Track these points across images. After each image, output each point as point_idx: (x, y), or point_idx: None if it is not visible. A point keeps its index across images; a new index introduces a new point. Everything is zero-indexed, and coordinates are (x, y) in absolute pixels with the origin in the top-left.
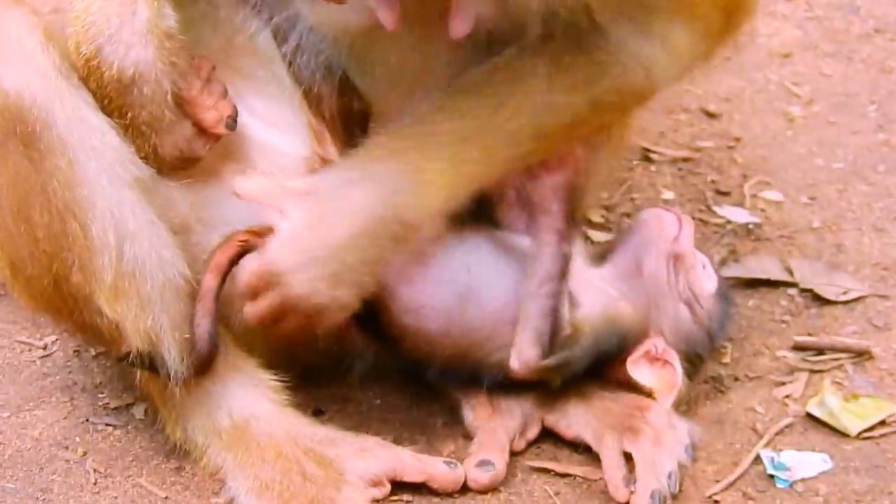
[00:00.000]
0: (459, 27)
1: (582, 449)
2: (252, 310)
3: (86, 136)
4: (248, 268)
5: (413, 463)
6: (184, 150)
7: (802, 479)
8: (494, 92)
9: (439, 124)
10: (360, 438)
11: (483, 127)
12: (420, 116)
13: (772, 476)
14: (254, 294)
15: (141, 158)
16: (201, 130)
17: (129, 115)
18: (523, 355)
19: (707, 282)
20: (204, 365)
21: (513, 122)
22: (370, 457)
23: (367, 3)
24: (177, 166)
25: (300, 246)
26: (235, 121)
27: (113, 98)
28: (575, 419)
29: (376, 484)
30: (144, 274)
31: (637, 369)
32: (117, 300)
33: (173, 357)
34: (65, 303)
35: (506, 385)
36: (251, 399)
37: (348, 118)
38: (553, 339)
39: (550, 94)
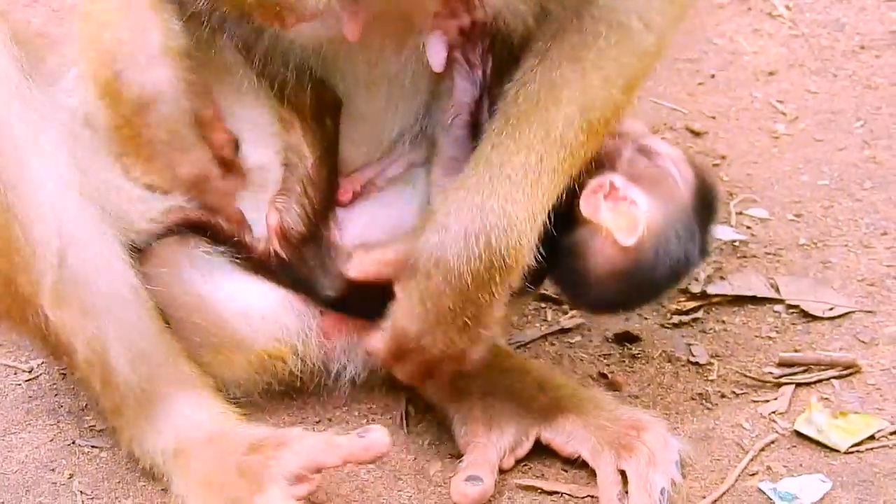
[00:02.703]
0: (437, 59)
1: (569, 466)
2: (402, 374)
3: (39, 138)
4: (380, 343)
5: (328, 448)
6: (201, 170)
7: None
8: (539, 117)
9: (504, 165)
10: (280, 433)
11: (542, 152)
12: (480, 160)
13: (761, 491)
14: (396, 359)
15: (154, 181)
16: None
17: (148, 135)
18: (439, 183)
19: (662, 144)
20: None
21: (565, 138)
22: (288, 453)
23: (332, 16)
24: (192, 187)
25: (422, 313)
26: (237, 146)
27: (132, 119)
28: (573, 435)
29: (301, 480)
30: (88, 282)
31: (590, 206)
32: (59, 305)
33: (122, 365)
34: (15, 304)
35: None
36: (195, 417)
37: (320, 109)
38: None
39: (588, 97)
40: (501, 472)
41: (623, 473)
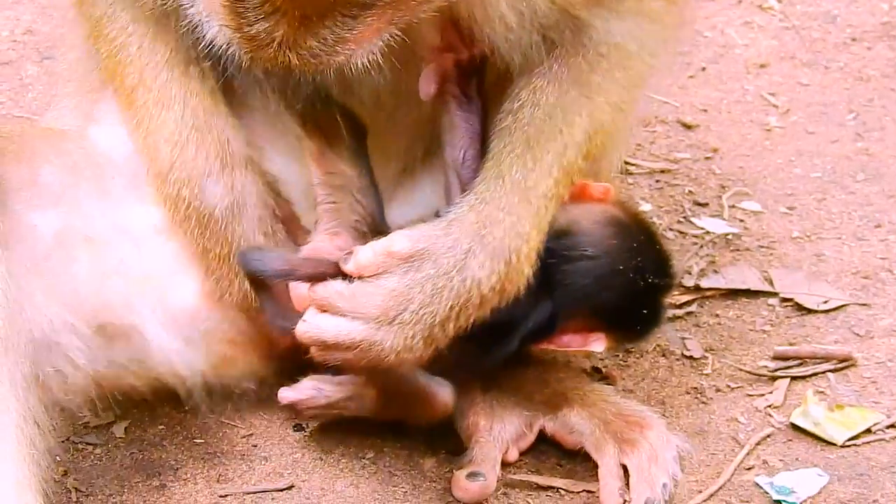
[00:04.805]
0: (426, 90)
1: (564, 461)
2: (320, 355)
3: None
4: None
5: None
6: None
7: (810, 497)
8: (555, 142)
9: (530, 191)
10: None
11: (558, 178)
12: (504, 178)
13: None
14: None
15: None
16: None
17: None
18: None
19: None
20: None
21: (575, 164)
22: None
23: None
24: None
25: (406, 307)
26: None
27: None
28: (577, 427)
29: None
30: None
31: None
32: None
33: None
34: None
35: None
36: None
37: (339, 128)
38: None
39: (595, 122)
40: (505, 465)
41: (624, 467)
